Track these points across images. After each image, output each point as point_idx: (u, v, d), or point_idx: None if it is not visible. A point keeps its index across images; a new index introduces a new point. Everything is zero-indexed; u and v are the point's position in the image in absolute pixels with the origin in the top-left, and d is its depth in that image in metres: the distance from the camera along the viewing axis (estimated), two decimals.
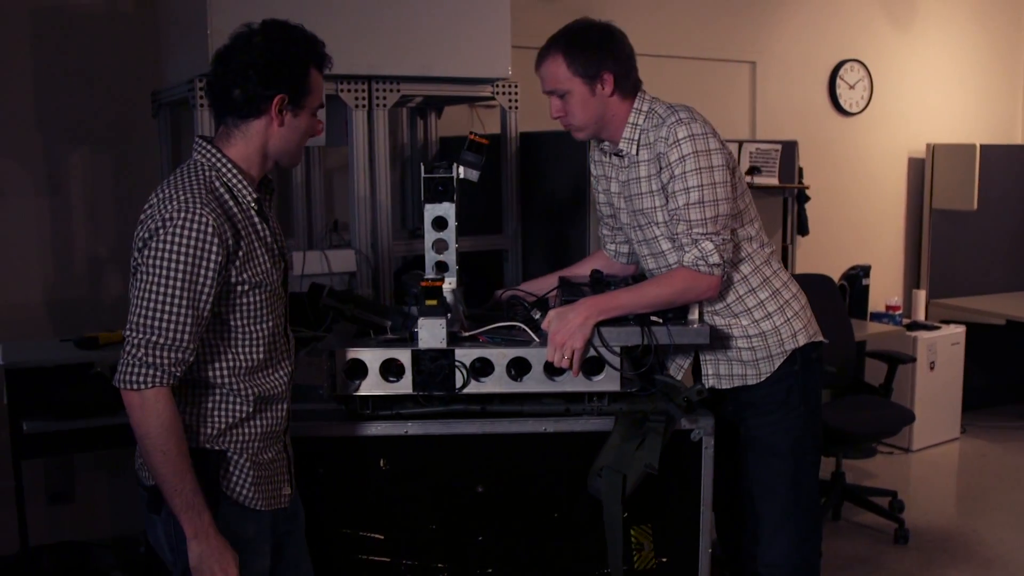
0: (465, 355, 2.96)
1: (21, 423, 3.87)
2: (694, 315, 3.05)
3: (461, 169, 3.14)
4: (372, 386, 2.97)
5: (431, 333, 2.94)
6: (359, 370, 2.96)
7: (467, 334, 3.04)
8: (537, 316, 3.09)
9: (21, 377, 3.89)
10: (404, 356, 2.94)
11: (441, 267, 3.19)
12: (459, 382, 2.96)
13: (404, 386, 2.97)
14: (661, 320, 3.01)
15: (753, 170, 6.18)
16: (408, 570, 3.06)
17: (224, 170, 2.47)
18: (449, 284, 3.17)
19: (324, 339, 3.11)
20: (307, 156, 4.76)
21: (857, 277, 6.90)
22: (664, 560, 3.13)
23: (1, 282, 4.58)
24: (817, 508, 3.38)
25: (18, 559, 4.22)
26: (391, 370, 2.96)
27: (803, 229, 6.67)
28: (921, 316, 7.15)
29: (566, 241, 4.46)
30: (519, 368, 2.99)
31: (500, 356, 2.97)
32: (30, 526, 4.12)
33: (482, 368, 2.98)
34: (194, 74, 3.85)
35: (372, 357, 2.96)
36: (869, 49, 7.27)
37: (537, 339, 3.02)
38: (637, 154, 3.10)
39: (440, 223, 3.16)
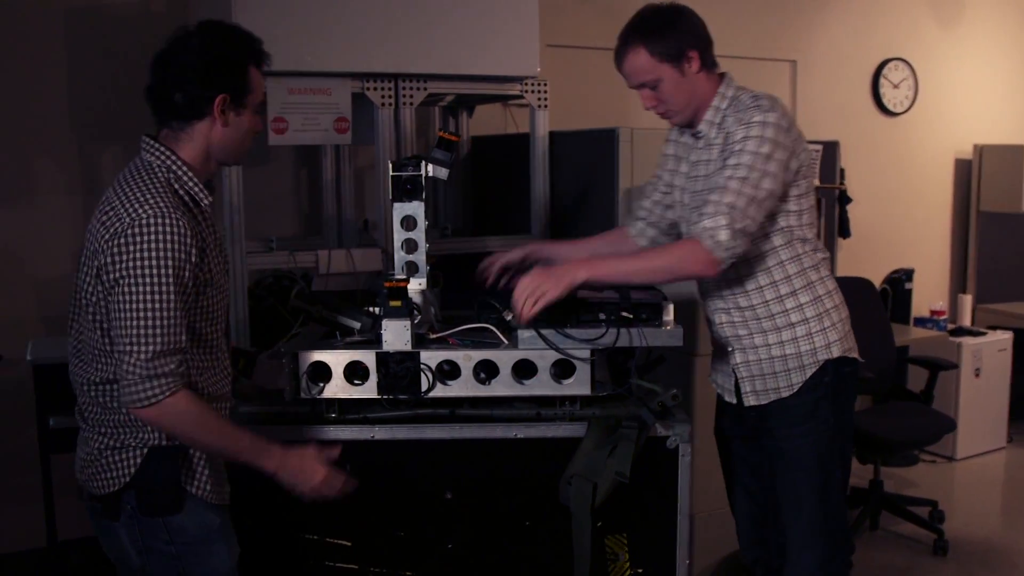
0: (431, 358, 2.88)
1: (48, 418, 3.91)
2: (669, 315, 2.94)
3: (430, 167, 3.05)
4: (336, 389, 2.91)
5: (396, 335, 2.87)
6: (323, 373, 2.89)
7: (435, 336, 2.97)
8: (509, 318, 3.00)
9: (49, 373, 3.92)
10: (368, 358, 2.88)
11: (412, 268, 3.10)
12: (425, 385, 2.88)
13: (369, 389, 2.90)
14: (632, 316, 2.90)
15: None
16: None
17: (180, 172, 2.45)
18: (419, 285, 3.10)
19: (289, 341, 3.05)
20: (336, 154, 4.68)
21: (900, 281, 6.73)
22: (640, 571, 3.05)
23: (33, 279, 4.58)
24: (846, 526, 3.23)
25: (46, 553, 4.25)
26: (356, 373, 2.90)
27: (844, 232, 6.46)
28: (967, 321, 6.91)
29: None
30: (488, 371, 2.91)
31: (466, 358, 2.89)
32: (58, 521, 4.15)
33: (450, 371, 2.90)
34: None
35: (336, 359, 2.89)
36: (914, 47, 7.05)
37: (506, 341, 2.95)
38: (714, 137, 2.99)
39: (409, 222, 3.07)
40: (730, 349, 3.09)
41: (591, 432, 2.91)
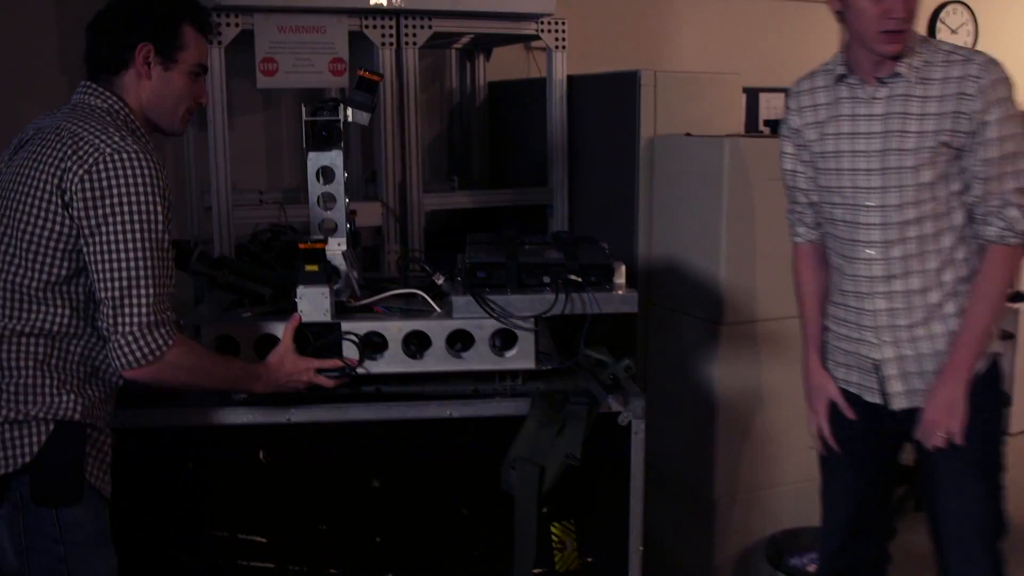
0: (355, 328, 2.59)
1: None
2: (620, 278, 2.68)
3: (349, 111, 2.74)
4: None
5: (313, 304, 2.57)
6: (230, 348, 2.59)
7: (357, 304, 2.68)
8: (440, 281, 2.73)
9: None
10: (281, 330, 2.57)
11: (328, 225, 2.78)
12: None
13: None
14: (580, 280, 2.63)
15: None
16: None
17: (128, 117, 2.35)
18: (338, 245, 2.80)
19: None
20: (341, 95, 4.30)
21: None
22: (589, 560, 2.82)
23: None
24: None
25: None
26: (267, 347, 2.58)
27: None
28: None
29: (615, 194, 4.02)
30: (419, 343, 2.63)
31: (395, 329, 2.61)
32: None
33: (375, 344, 2.61)
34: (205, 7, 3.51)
35: (244, 333, 2.60)
36: None
37: (439, 309, 2.68)
38: (916, 85, 2.56)
39: (327, 174, 2.76)
40: (880, 341, 2.69)
41: (535, 409, 2.66)
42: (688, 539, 3.76)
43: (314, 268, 2.55)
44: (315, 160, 2.74)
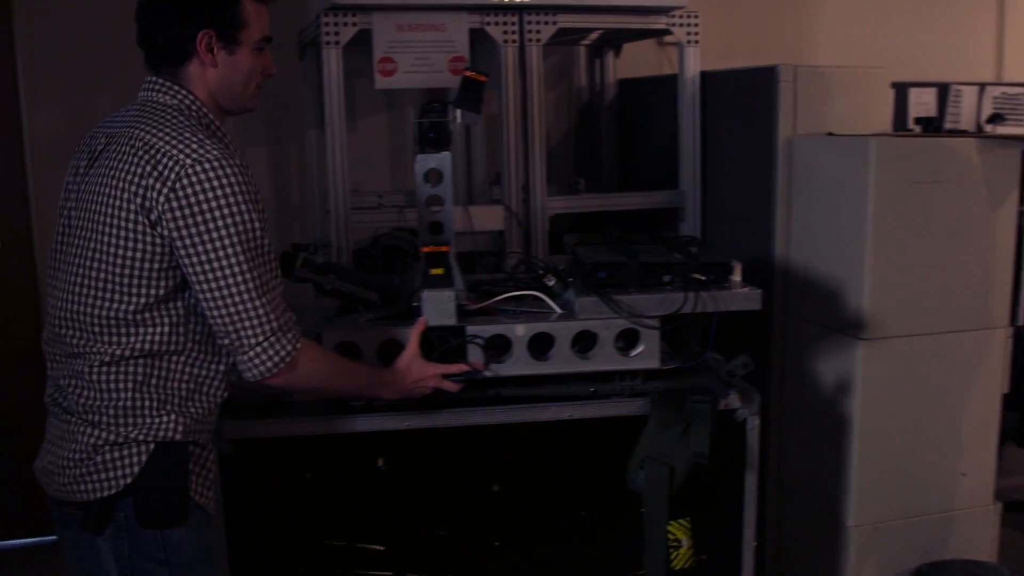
0: (479, 331, 2.58)
1: None
2: (737, 276, 2.68)
3: (458, 113, 2.75)
4: None
5: (438, 308, 2.55)
6: (352, 354, 2.58)
7: (475, 307, 2.66)
8: (552, 283, 2.73)
9: None
10: (406, 336, 2.55)
11: (436, 228, 2.78)
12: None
13: None
14: (704, 278, 2.62)
15: (996, 118, 5.39)
16: None
17: (202, 112, 2.22)
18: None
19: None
20: None
21: None
22: (703, 557, 2.80)
23: None
24: None
25: None
26: (390, 352, 2.57)
27: None
28: None
29: (750, 198, 3.82)
30: (542, 345, 2.62)
31: (520, 331, 2.59)
32: None
33: (498, 346, 2.62)
34: (321, 7, 3.54)
35: (367, 338, 2.59)
36: None
37: (558, 310, 2.66)
38: None
39: (435, 176, 2.75)
40: None
41: (655, 409, 2.63)
42: (820, 568, 3.54)
43: (439, 271, 2.57)
44: (423, 162, 2.74)
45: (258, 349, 2.10)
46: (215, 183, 2.03)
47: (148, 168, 2.04)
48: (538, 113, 3.77)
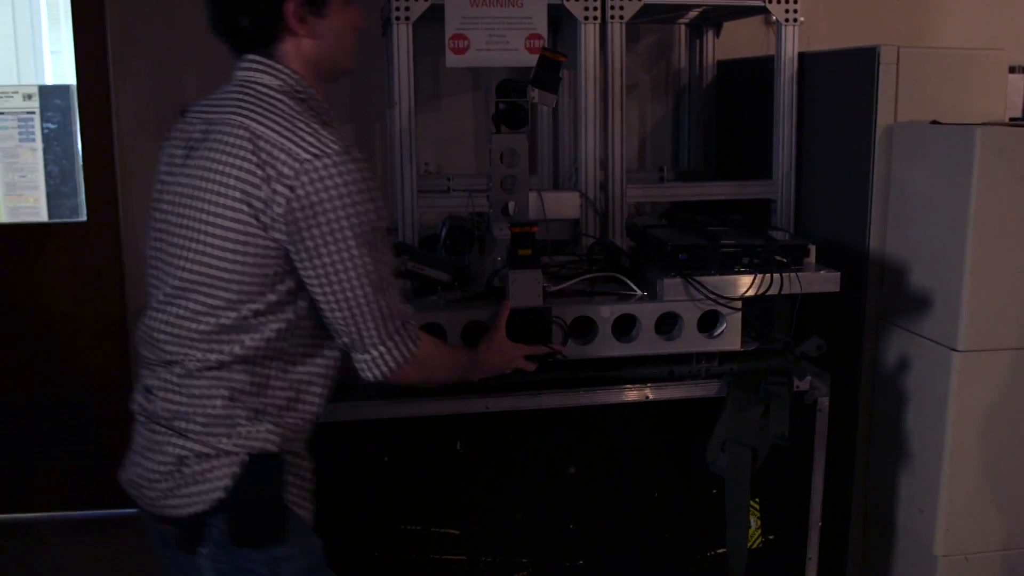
0: (565, 313, 2.58)
1: None
2: (811, 258, 2.72)
3: (535, 93, 2.69)
4: None
5: (525, 289, 2.54)
6: (437, 335, 2.52)
7: (555, 288, 2.68)
8: (628, 264, 2.76)
9: None
10: (489, 317, 2.54)
11: (508, 212, 2.75)
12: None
13: None
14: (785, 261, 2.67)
15: None
16: (488, 568, 2.71)
17: (308, 94, 2.05)
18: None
19: None
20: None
21: None
22: (771, 538, 2.86)
23: None
24: None
25: None
26: (474, 333, 2.57)
27: None
28: None
29: (845, 190, 3.59)
30: (625, 327, 2.65)
31: (606, 313, 2.61)
32: None
33: (581, 328, 2.62)
34: None
35: (452, 320, 2.58)
36: None
37: (639, 291, 2.68)
38: None
39: (511, 157, 2.71)
40: None
41: (733, 391, 2.70)
42: None
43: (527, 252, 2.54)
44: (498, 143, 2.70)
45: (382, 349, 2.01)
46: (337, 180, 1.87)
47: (256, 167, 1.88)
48: (619, 96, 3.55)
